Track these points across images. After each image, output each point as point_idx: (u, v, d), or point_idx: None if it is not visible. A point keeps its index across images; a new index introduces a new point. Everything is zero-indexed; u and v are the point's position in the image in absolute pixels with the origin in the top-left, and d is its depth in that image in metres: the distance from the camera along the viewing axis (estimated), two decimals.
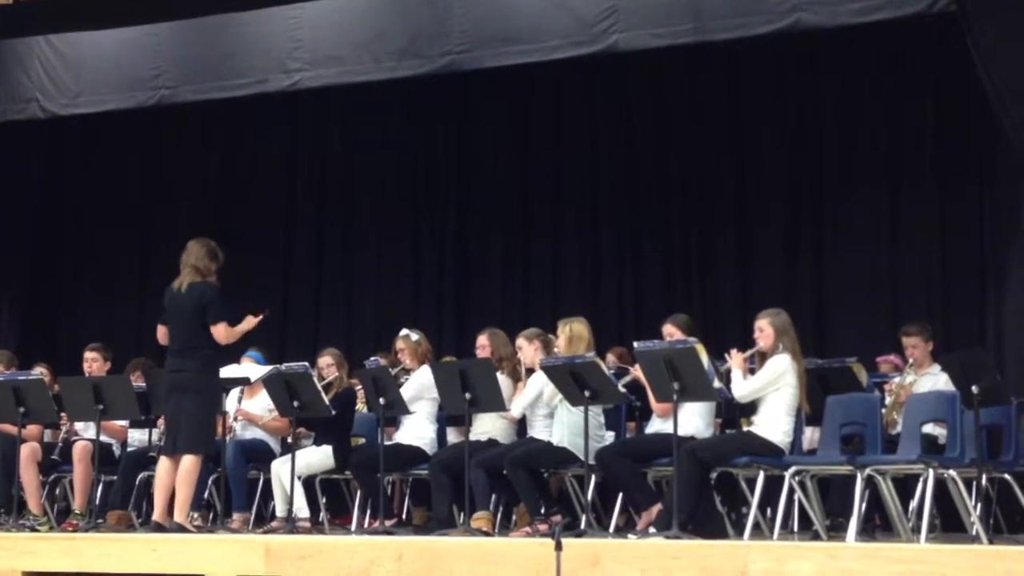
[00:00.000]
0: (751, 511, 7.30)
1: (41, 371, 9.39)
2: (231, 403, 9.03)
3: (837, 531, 7.59)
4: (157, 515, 7.83)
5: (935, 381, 8.14)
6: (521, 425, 8.38)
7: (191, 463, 7.78)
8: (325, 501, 8.96)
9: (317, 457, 8.72)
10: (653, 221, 11.19)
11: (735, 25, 8.95)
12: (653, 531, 7.20)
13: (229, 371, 8.59)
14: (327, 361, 8.99)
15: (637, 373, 7.82)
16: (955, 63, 9.19)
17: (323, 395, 8.42)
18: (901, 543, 7.05)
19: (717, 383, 7.28)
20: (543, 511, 7.81)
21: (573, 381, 7.52)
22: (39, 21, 10.15)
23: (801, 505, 7.80)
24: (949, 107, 10.11)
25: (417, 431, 8.59)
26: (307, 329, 11.83)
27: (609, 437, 8.18)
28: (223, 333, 7.88)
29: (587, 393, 7.49)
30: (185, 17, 10.16)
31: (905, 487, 7.75)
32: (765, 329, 7.48)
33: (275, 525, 8.56)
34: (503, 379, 8.14)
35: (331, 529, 8.82)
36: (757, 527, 7.42)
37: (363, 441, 9.18)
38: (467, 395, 7.80)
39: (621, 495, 7.96)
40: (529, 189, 11.64)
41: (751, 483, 7.49)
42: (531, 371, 8.17)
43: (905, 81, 10.39)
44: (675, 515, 6.98)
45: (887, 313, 10.03)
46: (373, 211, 12.05)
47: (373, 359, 9.13)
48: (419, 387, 8.53)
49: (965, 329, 9.78)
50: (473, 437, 8.17)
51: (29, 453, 9.07)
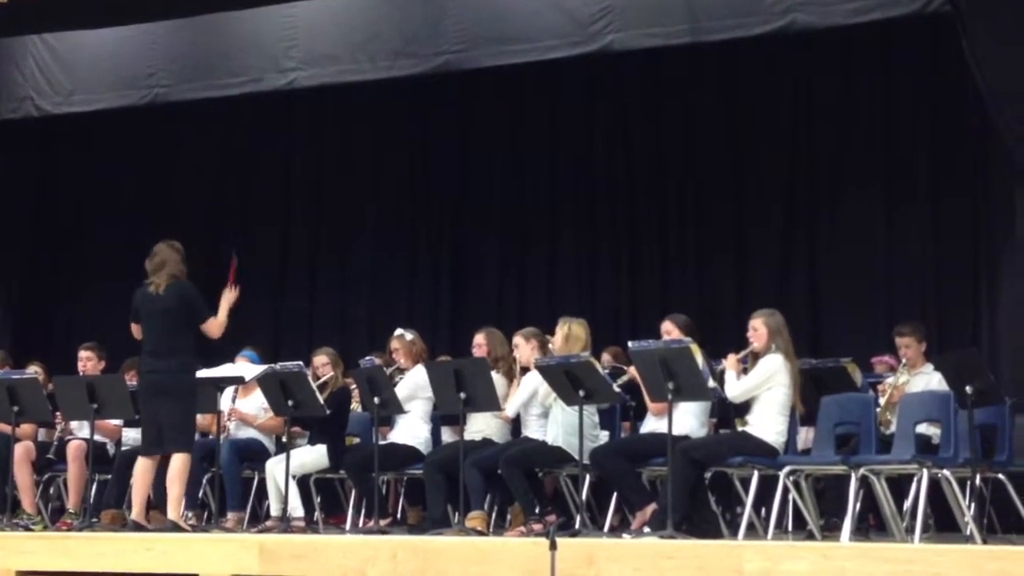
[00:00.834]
0: (745, 511, 7.31)
1: (35, 370, 9.40)
2: (225, 402, 9.01)
3: (831, 531, 7.60)
4: (135, 515, 7.84)
5: (928, 381, 8.14)
6: (516, 424, 8.39)
7: (181, 461, 7.77)
8: (320, 500, 8.96)
9: (312, 456, 8.72)
10: (648, 221, 11.19)
11: (730, 25, 8.97)
12: (647, 531, 7.20)
13: (223, 370, 8.58)
14: (322, 360, 8.98)
15: (632, 373, 7.82)
16: (949, 64, 9.21)
17: (318, 394, 8.42)
18: (895, 543, 7.05)
19: (712, 383, 7.28)
20: (538, 511, 7.81)
21: (568, 381, 7.52)
22: (33, 20, 10.14)
23: (795, 505, 7.81)
24: (943, 108, 10.13)
25: (412, 430, 8.59)
26: (302, 328, 11.83)
27: (604, 437, 8.18)
28: (214, 326, 7.89)
29: (582, 393, 7.49)
30: (180, 16, 10.16)
31: (899, 487, 7.75)
32: (759, 329, 7.48)
33: (269, 524, 8.56)
34: (498, 378, 8.14)
35: (326, 528, 8.82)
36: (751, 527, 7.42)
37: (358, 440, 9.18)
38: (462, 395, 7.79)
39: (615, 495, 7.95)
40: (525, 188, 11.64)
41: (745, 483, 7.50)
42: (526, 370, 8.18)
43: (899, 82, 10.40)
44: (669, 515, 6.98)
45: (881, 313, 10.05)
46: (368, 211, 12.05)
47: (368, 358, 9.14)
48: (414, 386, 8.53)
49: (959, 329, 9.80)
50: (468, 436, 8.17)
51: (23, 452, 9.06)
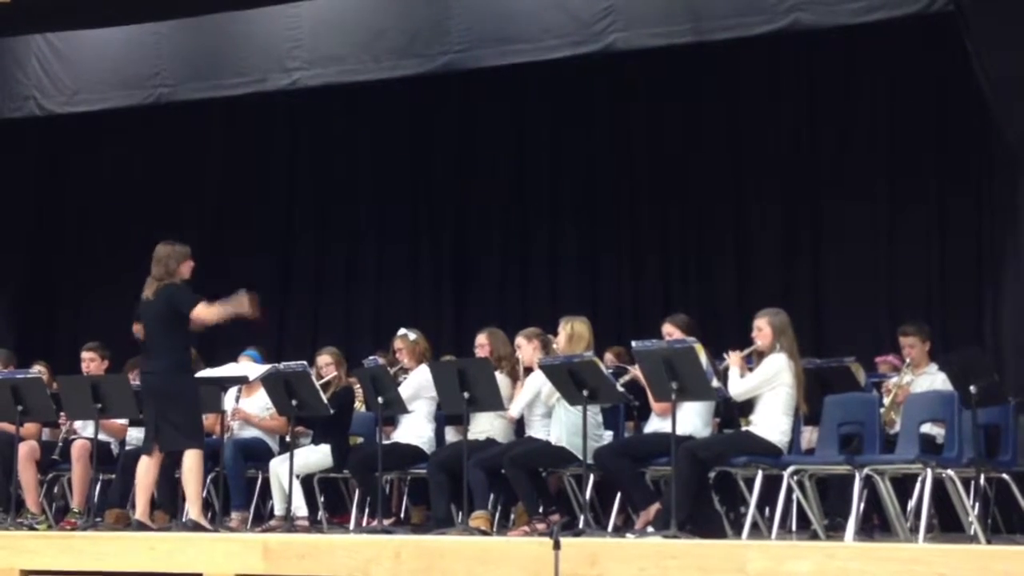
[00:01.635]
0: (749, 511, 7.30)
1: (39, 369, 9.39)
2: (229, 402, 9.03)
3: (835, 531, 7.60)
4: (139, 514, 7.83)
5: (932, 381, 8.14)
6: (519, 424, 8.39)
7: (193, 460, 7.76)
8: (323, 500, 8.96)
9: (315, 456, 8.73)
10: (651, 220, 11.20)
11: (733, 25, 8.96)
12: (651, 530, 7.20)
13: (227, 370, 8.59)
14: (325, 360, 8.99)
15: (636, 372, 7.82)
16: (952, 63, 9.20)
17: (321, 394, 8.42)
18: (899, 543, 7.06)
19: (715, 383, 7.28)
20: (541, 510, 7.81)
21: (571, 380, 7.52)
22: (37, 19, 10.14)
23: (799, 505, 7.80)
24: (946, 107, 10.12)
25: (415, 430, 8.60)
26: (306, 328, 11.84)
27: (607, 436, 8.18)
28: (204, 312, 7.74)
29: (585, 392, 7.49)
30: (184, 15, 10.16)
31: (903, 487, 7.76)
32: (763, 328, 7.48)
33: (273, 524, 8.57)
34: (501, 378, 8.15)
35: (329, 528, 8.82)
36: (755, 527, 7.42)
37: (361, 440, 9.19)
38: (465, 394, 7.79)
39: (619, 494, 7.96)
40: (528, 189, 11.64)
41: (749, 483, 7.49)
42: (529, 370, 8.18)
43: (902, 81, 10.39)
44: (673, 514, 6.98)
45: (885, 313, 10.05)
46: (372, 210, 12.05)
47: (372, 358, 9.13)
48: (417, 386, 8.53)
49: (963, 329, 9.79)
50: (471, 436, 8.17)
51: (27, 452, 9.07)
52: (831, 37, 9.78)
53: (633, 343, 7.43)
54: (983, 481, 7.36)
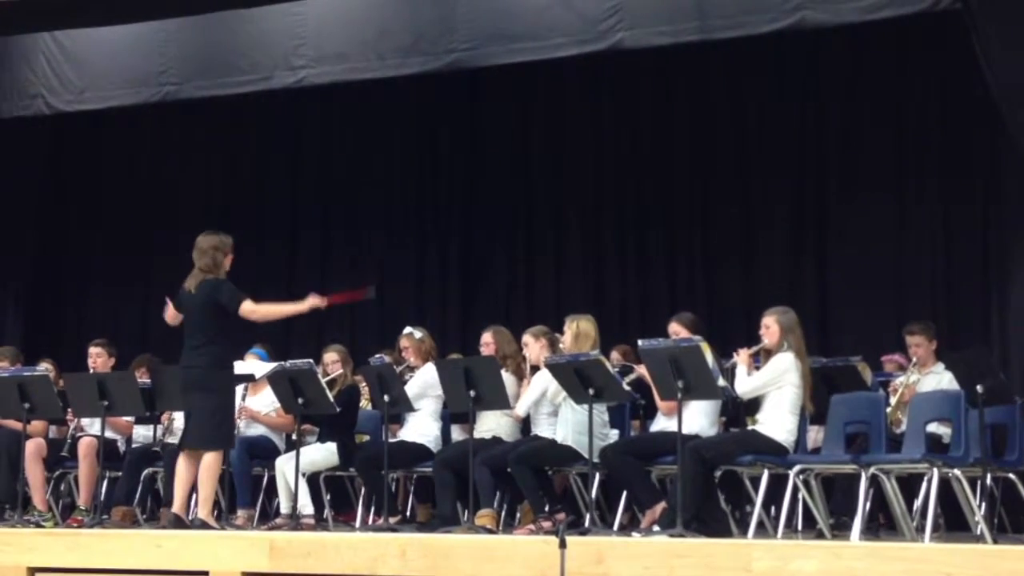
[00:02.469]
0: (755, 510, 7.30)
1: (46, 367, 9.41)
2: (235, 400, 9.02)
3: (841, 530, 7.60)
4: (177, 507, 7.82)
5: (939, 380, 8.14)
6: (525, 423, 8.39)
7: (211, 460, 7.76)
8: (329, 498, 8.96)
9: (321, 454, 8.73)
10: (657, 219, 11.19)
11: (740, 23, 8.95)
12: (657, 529, 7.21)
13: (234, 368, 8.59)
14: (332, 358, 8.99)
15: (641, 371, 7.82)
16: (959, 62, 9.19)
17: (327, 392, 8.42)
18: (905, 542, 7.05)
19: (722, 381, 7.28)
20: (547, 509, 7.82)
21: (577, 379, 7.52)
22: (44, 17, 10.15)
23: (805, 504, 7.80)
24: (953, 106, 10.11)
25: (421, 428, 8.60)
26: (312, 326, 11.83)
27: (613, 435, 8.18)
28: (251, 310, 7.77)
29: (591, 391, 7.49)
30: (190, 13, 10.16)
31: (909, 486, 7.75)
32: (771, 327, 7.47)
33: (279, 522, 8.57)
34: (507, 377, 8.15)
35: (335, 526, 8.82)
36: (761, 526, 7.41)
37: (367, 438, 9.19)
38: (471, 393, 7.80)
39: (625, 493, 7.96)
40: (534, 187, 11.64)
41: (755, 482, 7.49)
42: (535, 369, 8.18)
43: (909, 80, 10.39)
44: (679, 513, 6.99)
45: (891, 312, 10.03)
46: (377, 208, 12.05)
47: (378, 356, 9.15)
48: (423, 384, 8.54)
49: (970, 328, 9.78)
50: (477, 435, 8.18)
51: (34, 449, 9.08)
52: (838, 36, 9.77)
53: (639, 342, 7.44)
54: (989, 481, 7.34)
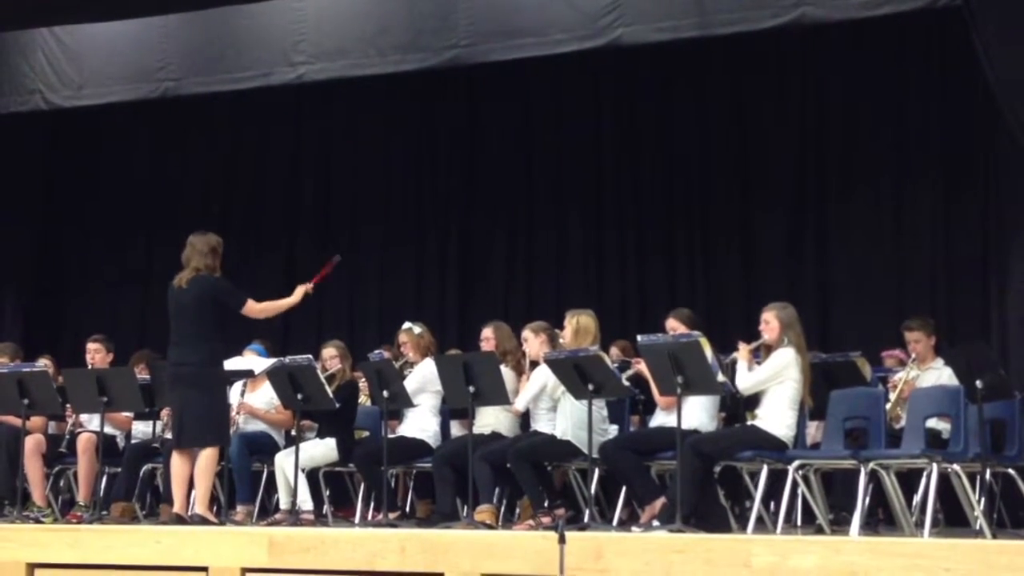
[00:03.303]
0: (754, 505, 7.30)
1: (45, 363, 9.40)
2: (234, 396, 9.02)
3: (840, 525, 7.60)
4: (177, 507, 7.85)
5: (939, 375, 8.13)
6: (524, 418, 8.39)
7: (207, 456, 7.80)
8: (329, 494, 8.96)
9: (321, 450, 8.73)
10: (657, 215, 11.19)
11: (739, 19, 8.96)
12: (656, 524, 7.21)
13: (232, 364, 8.58)
14: (331, 353, 8.99)
15: (640, 366, 7.82)
16: (959, 58, 9.19)
17: (327, 388, 8.42)
18: (904, 537, 7.05)
19: (721, 377, 7.28)
20: (546, 504, 7.82)
21: (577, 374, 7.52)
22: (43, 12, 10.15)
23: (804, 499, 7.80)
24: (953, 102, 10.11)
25: (421, 424, 8.60)
26: (311, 322, 11.84)
27: (612, 430, 8.17)
28: (255, 309, 7.96)
29: (591, 386, 7.49)
30: (190, 9, 10.16)
31: (909, 481, 7.76)
32: (771, 322, 7.47)
33: (279, 517, 8.56)
34: (507, 372, 8.15)
35: (335, 522, 8.82)
36: (760, 521, 7.42)
37: (367, 434, 9.19)
38: (471, 388, 7.80)
39: (624, 488, 7.96)
40: (533, 183, 11.63)
41: (754, 477, 7.50)
42: (535, 364, 8.17)
43: (909, 76, 10.38)
44: (678, 508, 6.99)
45: (891, 307, 10.03)
46: (377, 205, 12.05)
47: (377, 352, 9.14)
48: (422, 380, 8.53)
49: (969, 324, 9.78)
50: (476, 430, 8.18)
51: (33, 445, 9.08)
52: (838, 32, 9.76)
53: (638, 337, 7.44)
54: (989, 476, 7.35)
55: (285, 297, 8.33)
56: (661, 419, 7.85)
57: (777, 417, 7.33)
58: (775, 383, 7.35)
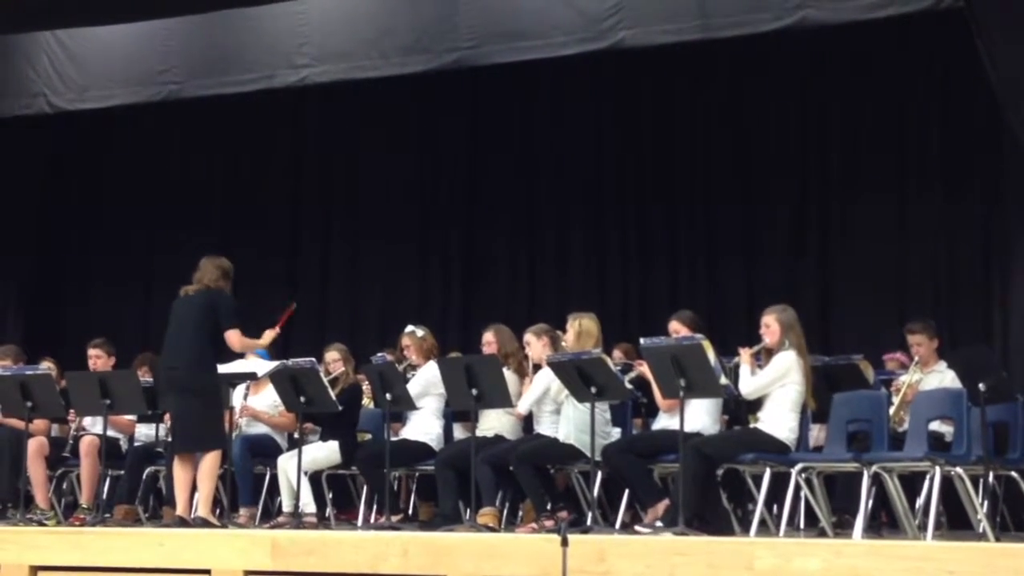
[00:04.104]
0: (757, 508, 7.30)
1: (48, 366, 9.41)
2: (237, 399, 9.03)
3: (843, 528, 7.59)
4: (180, 510, 7.87)
5: (941, 379, 8.12)
6: (527, 421, 8.39)
7: (210, 459, 7.84)
8: (331, 496, 8.96)
9: (323, 452, 8.73)
10: (659, 218, 11.19)
11: (741, 22, 8.96)
12: (659, 527, 7.20)
13: (235, 367, 8.59)
14: (333, 356, 8.99)
15: (643, 369, 7.82)
16: (962, 60, 9.19)
17: (329, 390, 8.42)
18: (907, 540, 7.04)
19: (724, 379, 7.27)
20: (549, 507, 7.81)
21: (579, 377, 7.52)
22: (46, 16, 10.15)
23: (807, 502, 7.80)
24: (956, 105, 10.10)
25: (423, 427, 8.60)
26: (313, 324, 11.84)
27: (615, 433, 8.17)
28: (237, 340, 7.98)
29: (593, 389, 7.49)
30: (193, 12, 10.17)
31: (912, 484, 7.75)
32: (771, 325, 7.47)
33: (281, 520, 8.57)
34: (509, 375, 8.15)
35: (337, 524, 8.83)
36: (763, 524, 7.41)
37: (369, 437, 9.19)
38: (473, 391, 7.80)
39: (627, 491, 7.96)
40: (535, 185, 11.64)
41: (757, 480, 7.49)
42: (538, 367, 8.18)
43: (911, 79, 10.38)
44: (681, 511, 6.98)
45: (893, 310, 10.03)
46: (379, 207, 12.05)
47: (379, 355, 9.14)
48: (425, 383, 8.54)
49: (971, 326, 9.78)
50: (479, 433, 8.17)
51: (36, 448, 9.08)
52: (839, 35, 9.76)
53: (641, 340, 7.43)
54: (992, 479, 7.33)
55: (261, 334, 8.29)
56: (664, 422, 7.84)
57: (779, 420, 7.33)
58: (778, 387, 7.35)
